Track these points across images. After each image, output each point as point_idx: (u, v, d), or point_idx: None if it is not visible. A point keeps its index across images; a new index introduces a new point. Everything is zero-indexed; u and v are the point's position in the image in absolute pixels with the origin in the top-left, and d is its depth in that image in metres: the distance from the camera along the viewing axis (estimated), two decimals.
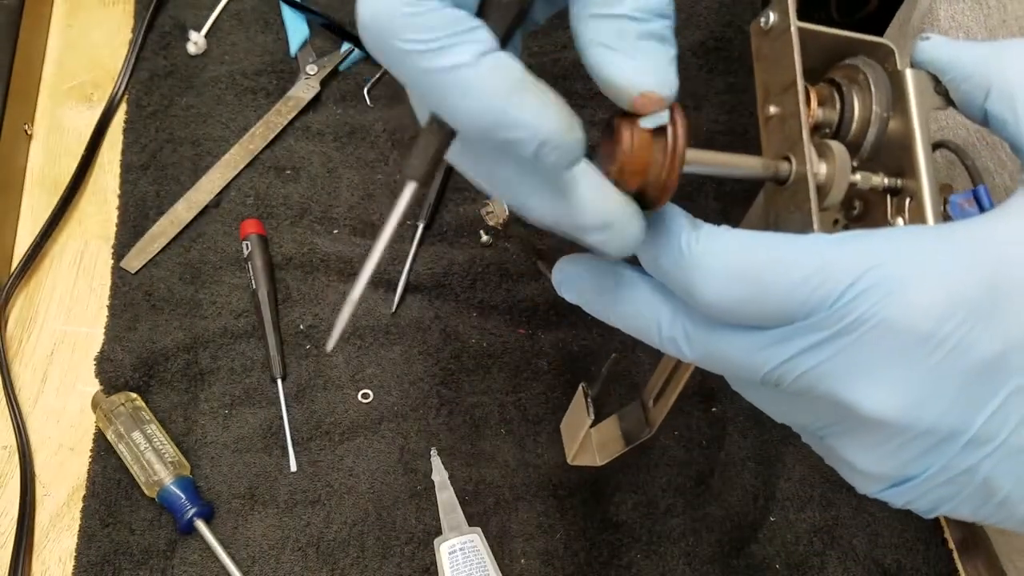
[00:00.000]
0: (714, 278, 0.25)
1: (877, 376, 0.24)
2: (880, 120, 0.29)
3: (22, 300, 0.51)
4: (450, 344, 0.51)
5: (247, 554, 0.44)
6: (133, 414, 0.46)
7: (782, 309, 0.24)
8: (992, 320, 0.24)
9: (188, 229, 0.53)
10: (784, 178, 0.28)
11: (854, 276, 0.24)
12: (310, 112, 0.58)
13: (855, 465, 0.27)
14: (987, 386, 0.24)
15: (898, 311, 0.24)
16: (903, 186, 0.29)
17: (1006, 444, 0.25)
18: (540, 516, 0.46)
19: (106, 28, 0.61)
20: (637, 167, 0.25)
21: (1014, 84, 0.27)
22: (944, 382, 0.24)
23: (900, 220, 0.29)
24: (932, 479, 0.26)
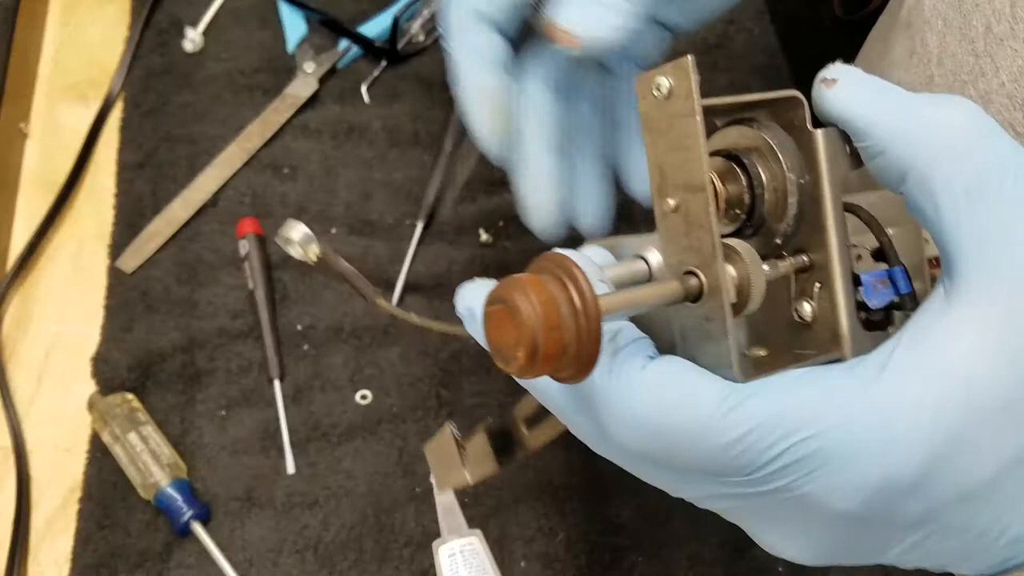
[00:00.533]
0: (626, 427, 0.24)
1: (791, 535, 0.24)
2: (798, 187, 0.25)
3: (17, 300, 0.51)
4: (449, 344, 0.50)
5: (244, 557, 0.44)
6: (129, 415, 0.46)
7: (701, 466, 0.23)
8: (920, 492, 0.22)
9: (185, 228, 0.53)
10: (695, 297, 0.24)
11: (781, 447, 0.22)
12: (308, 110, 0.57)
13: (777, 551, 0.27)
14: (903, 536, 0.24)
15: (820, 490, 0.22)
16: (811, 263, 0.26)
17: (916, 558, 0.25)
18: (541, 519, 0.46)
19: (102, 26, 0.60)
20: (553, 337, 0.20)
21: (934, 174, 0.23)
22: (859, 544, 0.24)
23: (806, 305, 0.26)
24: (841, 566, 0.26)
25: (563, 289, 0.21)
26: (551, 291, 0.21)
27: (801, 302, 0.26)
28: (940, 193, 0.23)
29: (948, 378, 0.22)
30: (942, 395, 0.22)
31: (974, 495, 0.23)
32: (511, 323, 0.21)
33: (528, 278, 0.21)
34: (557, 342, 0.20)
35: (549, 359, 0.21)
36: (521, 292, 0.20)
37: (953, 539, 0.24)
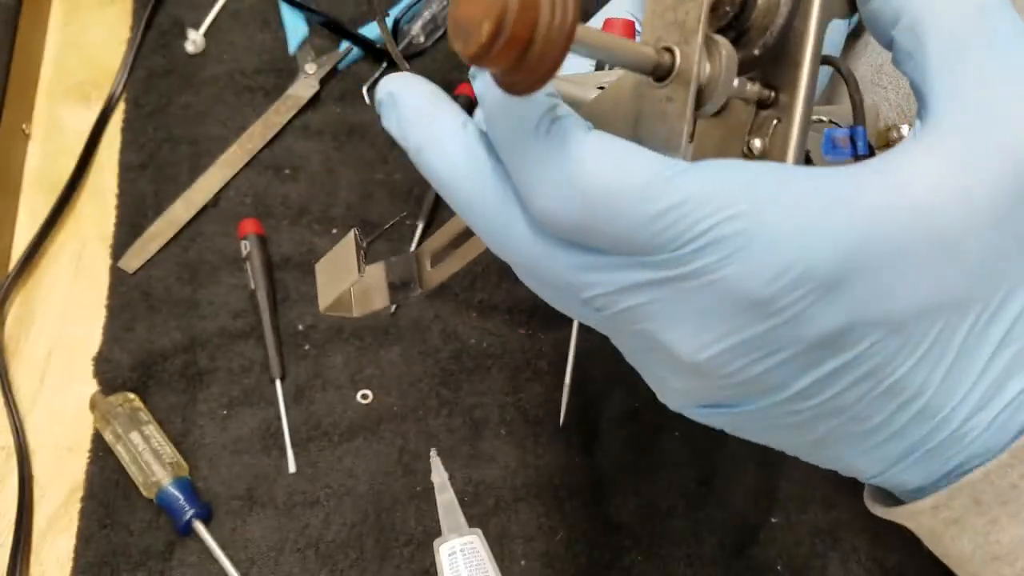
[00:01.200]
0: (555, 183, 0.22)
1: (701, 328, 0.22)
2: (787, 11, 0.24)
3: (20, 300, 0.51)
4: (450, 344, 0.50)
5: (246, 556, 0.44)
6: (131, 415, 0.46)
7: (623, 240, 0.22)
8: (841, 294, 0.21)
9: (186, 229, 0.53)
10: (663, 74, 0.23)
11: (708, 223, 0.21)
12: (309, 111, 0.57)
13: (667, 382, 0.25)
14: (818, 356, 0.22)
15: (740, 272, 0.21)
16: (773, 102, 0.25)
17: (827, 403, 0.24)
18: (540, 517, 0.46)
19: (104, 27, 0.61)
20: (525, 23, 0.18)
21: (925, 17, 0.23)
22: (773, 348, 0.22)
23: (756, 142, 0.25)
24: (742, 415, 0.25)
25: None
26: None
27: (754, 138, 0.26)
28: (929, 36, 0.23)
29: (893, 195, 0.21)
30: (882, 205, 0.21)
31: (900, 327, 0.22)
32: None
33: None
34: (527, 25, 0.19)
35: (513, 44, 0.19)
36: None
37: (871, 394, 0.23)
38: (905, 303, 0.22)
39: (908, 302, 0.22)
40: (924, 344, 0.23)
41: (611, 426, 0.48)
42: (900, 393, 0.23)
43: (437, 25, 0.60)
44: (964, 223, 0.22)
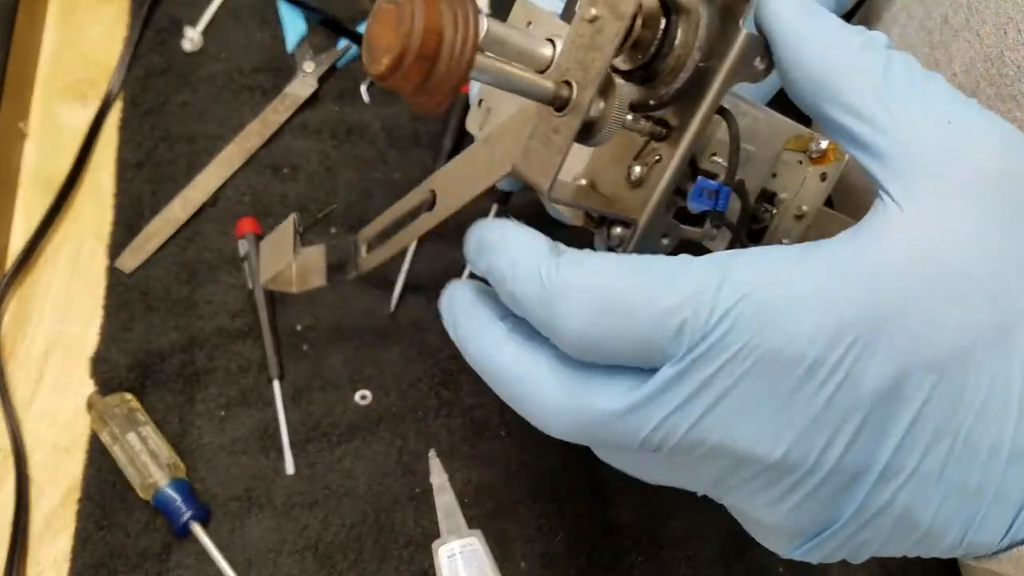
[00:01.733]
0: (577, 312, 0.23)
1: (767, 417, 0.23)
2: (693, 70, 0.26)
3: (16, 300, 0.51)
4: (449, 344, 0.50)
5: (244, 557, 0.44)
6: (128, 415, 0.45)
7: (651, 343, 0.23)
8: (879, 348, 0.22)
9: (184, 228, 0.52)
10: (561, 106, 0.25)
11: (727, 305, 0.22)
12: (307, 110, 0.57)
13: (764, 521, 0.25)
14: (887, 415, 0.23)
15: (781, 341, 0.22)
16: (664, 136, 0.27)
17: (918, 472, 0.23)
18: (540, 519, 0.46)
19: (101, 25, 0.60)
20: (430, 43, 0.21)
21: (845, 86, 0.24)
22: (842, 417, 0.23)
23: (636, 168, 0.27)
24: (849, 524, 0.24)
25: (452, 13, 0.21)
26: (443, 9, 0.21)
27: (636, 164, 0.28)
28: (853, 101, 0.24)
29: (889, 252, 0.23)
30: (882, 261, 0.22)
31: (948, 369, 0.22)
32: (394, 21, 0.21)
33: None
34: (430, 52, 0.21)
35: (415, 71, 0.21)
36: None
37: (956, 453, 0.23)
38: (942, 343, 0.22)
39: (944, 341, 0.22)
40: (982, 383, 0.23)
41: None
42: (981, 441, 0.23)
43: None
44: (961, 260, 0.22)
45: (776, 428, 0.23)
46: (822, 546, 0.25)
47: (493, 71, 0.24)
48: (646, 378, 0.23)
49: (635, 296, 0.23)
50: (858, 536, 0.25)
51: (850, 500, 0.24)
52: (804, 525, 0.25)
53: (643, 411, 0.23)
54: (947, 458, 0.23)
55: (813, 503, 0.24)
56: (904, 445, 0.23)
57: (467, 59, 0.21)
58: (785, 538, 0.25)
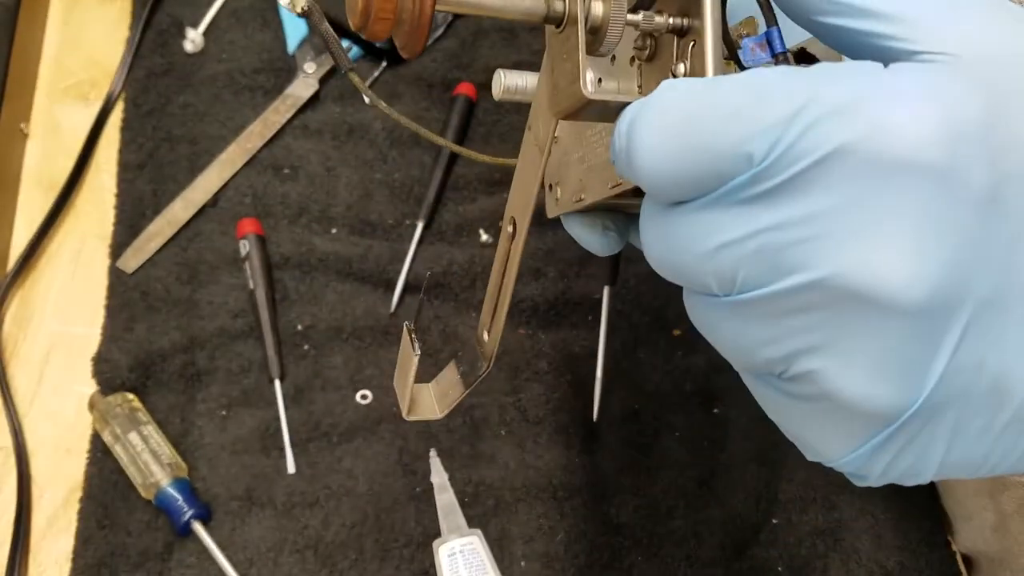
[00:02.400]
0: (650, 136, 0.20)
1: (895, 248, 0.18)
2: None
3: (18, 300, 0.51)
4: (449, 344, 0.50)
5: (245, 556, 0.44)
6: (130, 415, 0.46)
7: (723, 158, 0.19)
8: (993, 141, 0.18)
9: (185, 228, 0.53)
10: (558, 18, 0.24)
11: (806, 96, 0.18)
12: (308, 110, 0.57)
13: (843, 392, 0.20)
14: (988, 224, 0.19)
15: (893, 139, 0.18)
16: (690, 26, 0.25)
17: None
18: (540, 518, 0.46)
19: (103, 26, 0.60)
20: (388, 5, 0.23)
21: None
22: (960, 232, 0.18)
23: (682, 67, 0.25)
24: (936, 392, 0.19)
25: None
26: None
27: (678, 64, 0.26)
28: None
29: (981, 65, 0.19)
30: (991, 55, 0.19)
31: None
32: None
33: None
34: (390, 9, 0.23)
35: (381, 20, 0.23)
36: None
37: None
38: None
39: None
40: None
41: (611, 426, 0.48)
42: None
43: (437, 24, 0.60)
44: None
45: (912, 252, 0.18)
46: (894, 439, 0.20)
47: (467, 3, 0.24)
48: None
49: (701, 109, 0.20)
50: (941, 416, 0.20)
51: (937, 354, 0.19)
52: (888, 393, 0.19)
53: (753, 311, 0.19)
54: None
55: (909, 349, 0.19)
56: (1008, 277, 0.19)
57: (427, 10, 0.23)
58: (856, 423, 0.20)
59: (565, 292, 0.52)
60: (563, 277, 0.52)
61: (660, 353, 0.50)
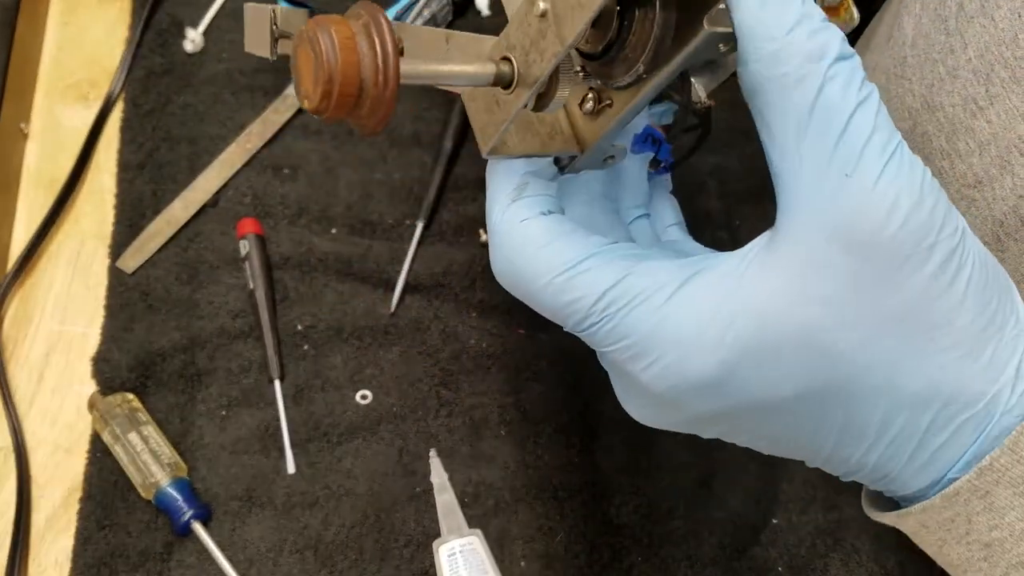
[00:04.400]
0: (500, 265, 0.28)
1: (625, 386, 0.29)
2: (651, 57, 0.25)
3: (18, 300, 0.51)
4: (449, 345, 0.50)
5: (244, 556, 0.44)
6: (129, 415, 0.46)
7: (548, 313, 0.28)
8: (722, 392, 0.26)
9: (185, 228, 0.53)
10: (507, 84, 0.25)
11: (600, 310, 0.26)
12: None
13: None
14: (707, 420, 0.28)
15: (635, 366, 0.26)
16: (610, 100, 0.27)
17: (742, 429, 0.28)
18: (540, 518, 0.46)
19: (103, 26, 0.60)
20: (350, 76, 0.21)
21: (775, 102, 0.24)
22: (670, 415, 0.28)
23: (588, 104, 0.27)
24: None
25: (368, 39, 0.21)
26: (355, 37, 0.21)
27: (588, 101, 0.27)
28: (774, 124, 0.24)
29: (747, 306, 0.25)
30: (737, 316, 0.25)
31: (769, 409, 0.26)
32: (312, 71, 0.21)
33: (335, 20, 0.21)
34: (352, 87, 0.21)
35: (342, 104, 0.22)
36: (325, 32, 0.21)
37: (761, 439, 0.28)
38: (775, 393, 0.25)
39: (777, 392, 0.25)
40: (803, 418, 0.26)
41: (611, 427, 0.48)
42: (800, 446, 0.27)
43: (437, 24, 0.60)
44: (817, 319, 0.24)
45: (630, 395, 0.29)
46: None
47: (426, 74, 0.24)
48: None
49: (536, 285, 0.27)
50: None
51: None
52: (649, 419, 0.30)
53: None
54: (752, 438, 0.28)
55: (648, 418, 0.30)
56: (721, 433, 0.28)
57: (391, 89, 0.22)
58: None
59: None
60: None
61: None
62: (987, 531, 0.26)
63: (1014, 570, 0.27)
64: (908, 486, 0.27)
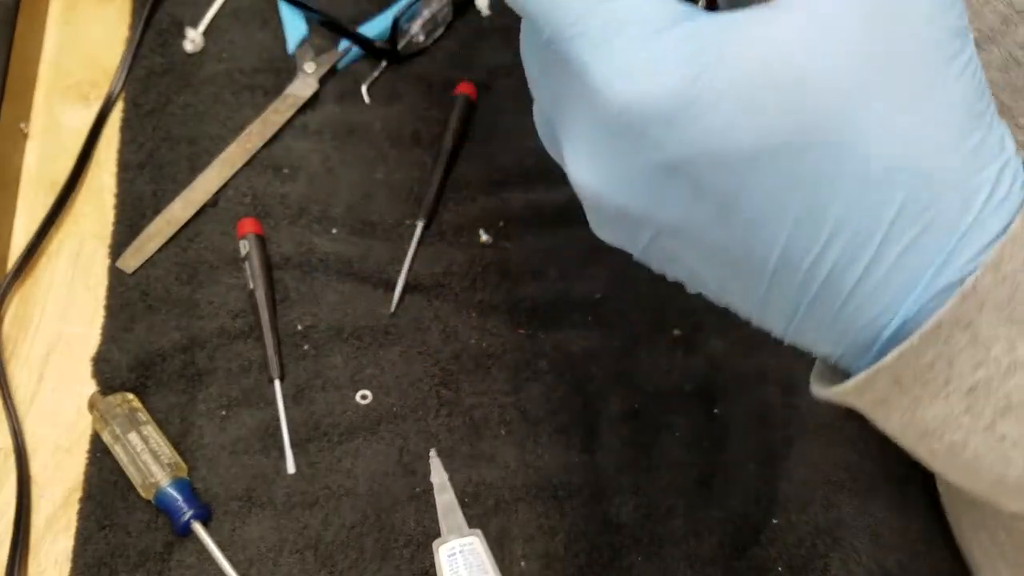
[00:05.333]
0: None
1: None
2: None
3: (18, 300, 0.51)
4: (449, 344, 0.50)
5: (244, 556, 0.44)
6: (130, 415, 0.46)
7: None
8: (678, 126, 0.22)
9: (185, 228, 0.53)
10: None
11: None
12: (308, 111, 0.57)
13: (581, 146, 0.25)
14: (657, 172, 0.24)
15: (599, 68, 0.23)
16: None
17: (689, 234, 0.25)
18: (540, 518, 0.46)
19: (103, 26, 0.60)
20: None
21: None
22: (621, 158, 0.24)
23: None
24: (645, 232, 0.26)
25: None
26: None
27: None
28: None
29: (730, 45, 0.22)
30: (734, 47, 0.22)
31: (729, 162, 0.23)
32: None
33: None
34: None
35: None
36: None
37: (711, 230, 0.24)
38: (737, 142, 0.22)
39: (739, 142, 0.22)
40: (763, 185, 0.23)
41: (611, 426, 0.48)
42: (759, 234, 0.23)
43: (437, 24, 0.60)
44: (813, 67, 0.22)
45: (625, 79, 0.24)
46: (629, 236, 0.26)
47: None
48: None
49: None
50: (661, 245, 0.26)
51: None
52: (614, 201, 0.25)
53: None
54: (718, 236, 0.24)
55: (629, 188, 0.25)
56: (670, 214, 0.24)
57: None
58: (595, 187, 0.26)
59: (565, 292, 0.52)
60: (563, 277, 0.52)
61: (660, 353, 0.50)
62: (971, 372, 0.23)
63: (1001, 417, 0.24)
64: (862, 318, 0.24)
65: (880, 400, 0.25)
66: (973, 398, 0.24)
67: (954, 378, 0.24)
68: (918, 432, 0.25)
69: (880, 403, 0.25)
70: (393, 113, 0.58)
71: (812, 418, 0.49)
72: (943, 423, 0.24)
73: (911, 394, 0.24)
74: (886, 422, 0.26)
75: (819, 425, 0.49)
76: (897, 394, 0.25)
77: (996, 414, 0.24)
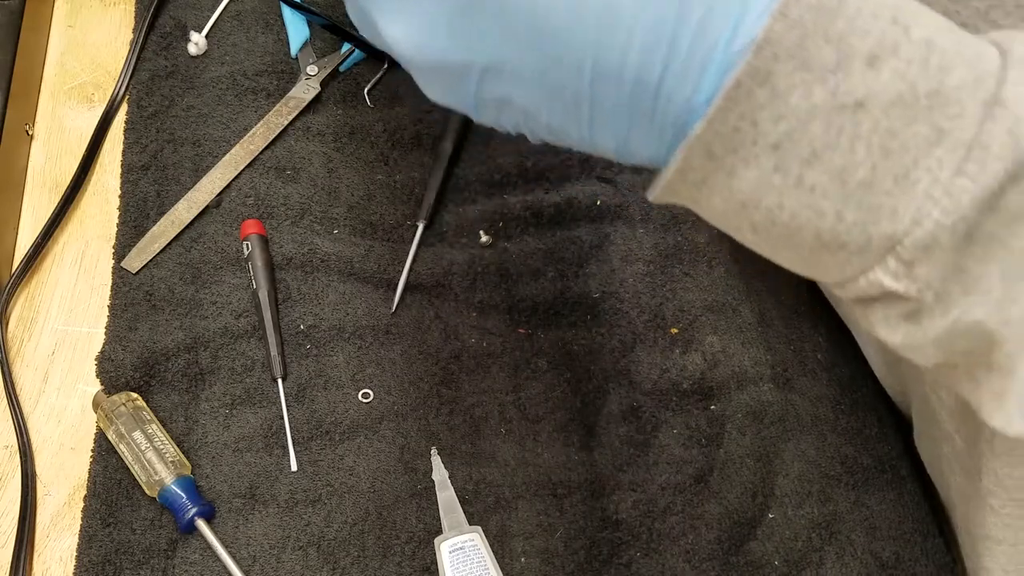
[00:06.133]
0: None
1: None
2: None
3: (23, 300, 0.52)
4: (450, 344, 0.51)
5: (248, 553, 0.44)
6: (134, 414, 0.46)
7: None
8: None
9: (189, 229, 0.53)
10: None
11: None
12: (310, 113, 0.58)
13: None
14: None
15: None
16: None
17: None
18: (540, 515, 0.46)
19: (107, 28, 0.61)
20: None
21: None
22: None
23: None
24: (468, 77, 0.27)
25: None
26: None
27: None
28: None
29: None
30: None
31: None
32: None
33: None
34: None
35: None
36: None
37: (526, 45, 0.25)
38: None
39: None
40: None
41: (610, 424, 0.49)
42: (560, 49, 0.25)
43: None
44: None
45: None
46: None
47: None
48: None
49: None
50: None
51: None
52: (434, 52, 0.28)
53: None
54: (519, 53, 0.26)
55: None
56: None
57: None
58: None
59: (565, 292, 0.52)
60: (562, 277, 0.53)
61: (658, 351, 0.51)
62: (773, 126, 0.24)
63: (808, 167, 0.24)
64: (675, 106, 0.25)
65: (700, 181, 0.26)
66: (780, 155, 0.24)
67: (760, 137, 0.24)
68: (738, 205, 0.26)
69: (701, 184, 0.26)
70: (394, 115, 0.58)
71: (808, 414, 0.49)
72: (757, 188, 0.25)
73: (725, 166, 0.25)
74: (710, 207, 0.27)
75: (815, 421, 0.49)
76: (713, 170, 0.25)
77: (802, 166, 0.24)
